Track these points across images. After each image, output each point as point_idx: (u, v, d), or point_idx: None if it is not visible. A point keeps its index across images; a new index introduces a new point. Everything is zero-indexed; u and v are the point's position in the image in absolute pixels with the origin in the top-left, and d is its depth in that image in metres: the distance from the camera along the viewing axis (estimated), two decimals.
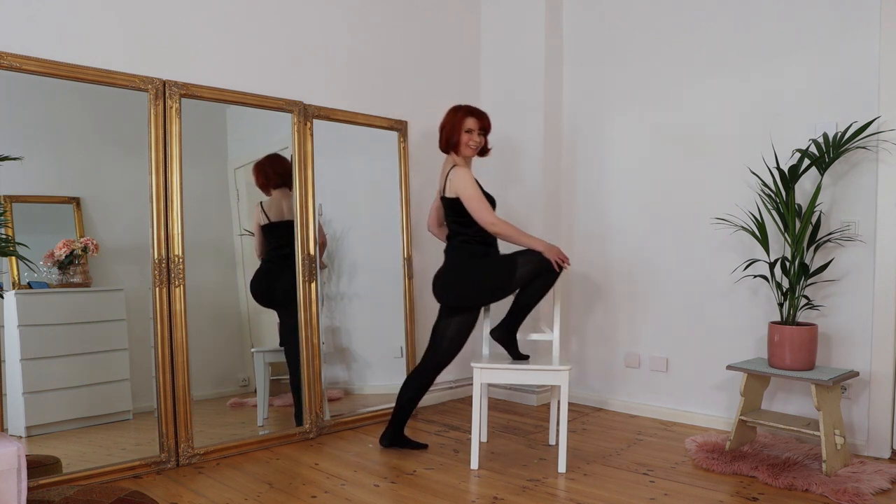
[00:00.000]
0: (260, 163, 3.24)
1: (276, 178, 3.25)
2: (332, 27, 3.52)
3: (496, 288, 2.90)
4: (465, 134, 2.98)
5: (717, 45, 3.42)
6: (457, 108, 3.04)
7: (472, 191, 2.89)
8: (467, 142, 2.98)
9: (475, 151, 3.03)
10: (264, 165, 3.24)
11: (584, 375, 3.96)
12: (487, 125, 3.04)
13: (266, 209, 3.24)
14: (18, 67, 2.47)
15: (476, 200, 2.89)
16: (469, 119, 2.99)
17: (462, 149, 2.99)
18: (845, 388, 2.99)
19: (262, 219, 3.23)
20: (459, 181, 2.91)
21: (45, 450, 2.54)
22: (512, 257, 2.88)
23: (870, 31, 2.95)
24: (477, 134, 3.00)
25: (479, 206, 2.88)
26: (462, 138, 2.98)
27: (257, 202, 3.24)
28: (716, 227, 3.38)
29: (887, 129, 2.88)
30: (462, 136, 2.98)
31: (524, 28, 4.01)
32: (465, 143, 2.98)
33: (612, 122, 3.84)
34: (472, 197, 2.89)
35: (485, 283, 2.91)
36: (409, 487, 2.59)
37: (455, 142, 2.99)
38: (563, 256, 2.86)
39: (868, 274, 2.96)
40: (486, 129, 3.04)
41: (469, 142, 2.98)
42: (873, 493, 2.43)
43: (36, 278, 2.61)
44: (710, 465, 2.77)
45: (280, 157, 3.27)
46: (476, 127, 2.99)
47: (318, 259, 3.33)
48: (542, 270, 2.84)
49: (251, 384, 3.23)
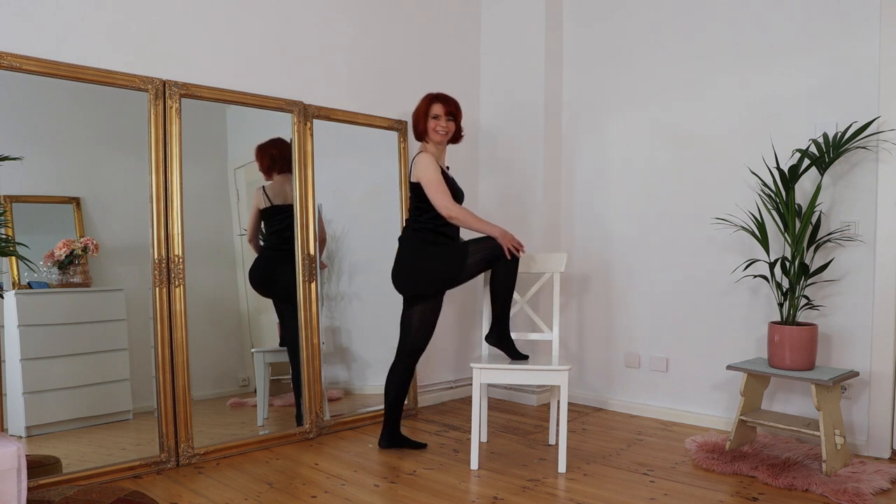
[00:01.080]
0: (264, 146, 3.23)
1: (282, 162, 3.25)
2: (331, 27, 3.52)
3: (447, 275, 2.91)
4: (431, 120, 2.99)
5: (717, 44, 3.42)
6: (426, 95, 3.06)
7: (433, 175, 2.89)
8: (434, 127, 2.99)
9: (444, 137, 3.02)
10: (269, 148, 3.23)
11: (584, 375, 3.96)
12: (455, 110, 3.04)
13: (269, 192, 3.22)
14: (18, 67, 2.47)
15: (434, 184, 2.89)
16: (435, 105, 3.01)
17: (430, 134, 3.00)
18: (845, 388, 2.99)
19: (263, 202, 3.21)
20: (420, 166, 2.92)
21: (45, 450, 2.54)
22: (464, 245, 2.90)
23: (870, 31, 2.95)
24: (444, 119, 3.00)
25: (436, 189, 2.88)
26: (429, 124, 2.99)
27: (257, 186, 3.23)
28: (716, 227, 3.38)
29: (887, 129, 2.88)
30: (429, 122, 2.99)
31: (524, 28, 4.01)
32: (433, 129, 2.99)
33: (612, 122, 3.84)
34: (430, 181, 2.89)
35: (436, 269, 2.92)
36: (409, 487, 2.59)
37: (422, 129, 3.01)
38: (516, 243, 2.87)
39: (868, 274, 2.96)
40: (454, 113, 3.03)
41: (436, 127, 2.99)
42: (873, 493, 2.43)
43: (36, 278, 2.61)
44: (710, 465, 2.77)
45: (284, 140, 3.26)
46: (442, 112, 3.00)
47: (319, 258, 3.33)
48: (495, 257, 2.86)
49: (251, 384, 3.23)
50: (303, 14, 3.39)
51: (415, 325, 3.01)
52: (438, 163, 2.98)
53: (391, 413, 3.06)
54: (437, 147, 3.04)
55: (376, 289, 3.69)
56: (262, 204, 3.21)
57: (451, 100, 3.05)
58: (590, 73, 3.94)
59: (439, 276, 2.93)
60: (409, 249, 2.99)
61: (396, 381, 3.04)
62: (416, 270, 2.95)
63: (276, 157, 3.24)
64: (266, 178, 3.24)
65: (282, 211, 3.23)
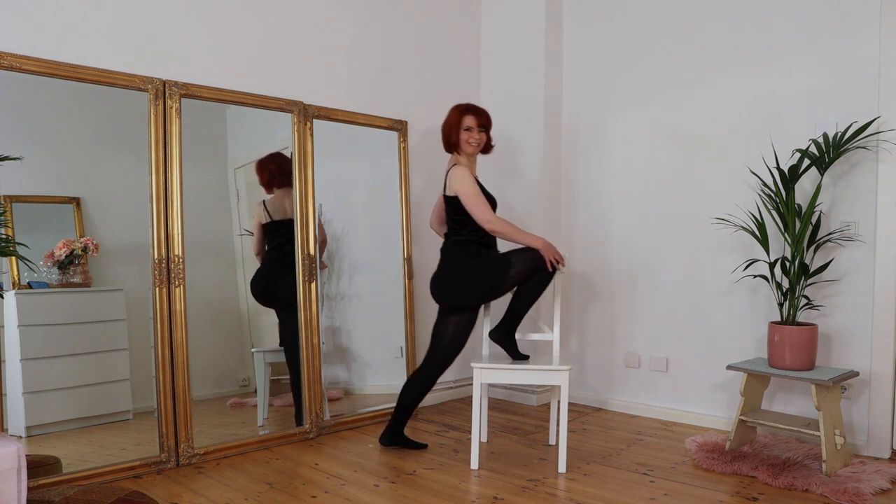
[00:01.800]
0: (263, 161, 3.24)
1: (281, 177, 3.25)
2: (331, 27, 3.52)
3: (490, 287, 2.90)
4: (464, 132, 2.99)
5: (717, 44, 3.42)
6: (456, 106, 3.05)
7: (470, 188, 2.90)
8: (467, 139, 2.99)
9: (476, 149, 3.03)
10: (268, 163, 3.24)
11: (584, 375, 3.96)
12: (487, 122, 3.04)
13: (269, 207, 3.24)
14: (18, 67, 2.47)
15: (473, 197, 2.89)
16: (467, 117, 3.00)
17: (463, 146, 3.00)
18: (845, 388, 2.99)
19: (265, 217, 3.23)
20: (458, 179, 2.91)
21: (45, 450, 2.54)
22: (506, 256, 2.89)
23: (870, 31, 2.95)
24: (477, 131, 3.00)
25: (476, 203, 2.89)
26: (462, 136, 2.99)
27: (258, 201, 3.24)
28: (716, 227, 3.38)
29: (887, 129, 2.88)
30: (462, 134, 2.99)
31: (524, 28, 4.01)
32: (466, 140, 2.99)
33: (612, 122, 3.84)
34: (468, 194, 2.89)
35: (479, 282, 2.91)
36: (409, 487, 2.59)
37: (455, 141, 3.01)
38: (558, 256, 2.87)
39: (868, 274, 2.96)
40: (486, 125, 3.04)
41: (469, 139, 2.99)
42: (873, 493, 2.43)
43: (36, 278, 2.61)
44: (710, 465, 2.77)
45: (283, 155, 3.27)
46: (475, 124, 3.00)
47: (319, 259, 3.33)
48: (536, 269, 2.85)
49: (251, 384, 3.23)
50: (303, 14, 3.39)
51: (448, 335, 2.99)
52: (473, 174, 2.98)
53: (399, 416, 3.05)
54: (469, 158, 3.05)
55: (376, 289, 3.70)
56: (264, 219, 3.23)
57: (483, 111, 3.05)
58: (590, 73, 3.94)
59: (483, 287, 2.92)
60: (451, 262, 2.98)
61: (416, 387, 3.02)
62: (460, 283, 2.94)
63: (274, 172, 3.24)
64: (266, 192, 3.25)
65: (282, 226, 3.24)
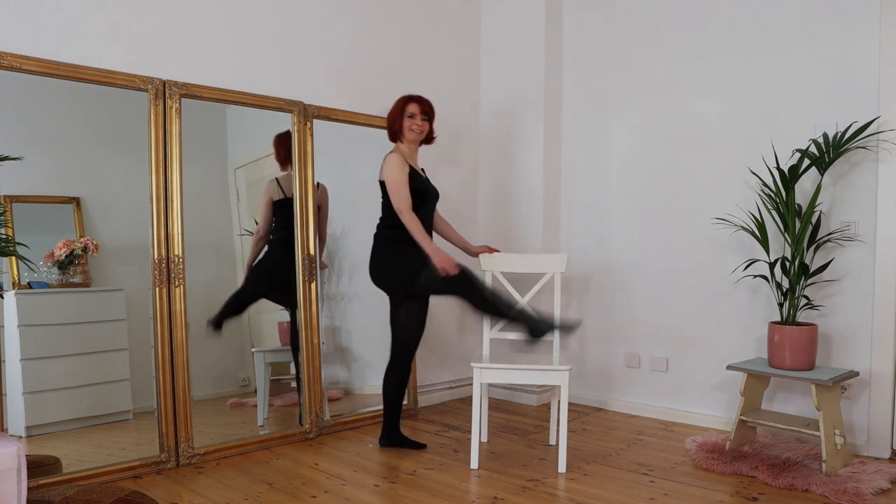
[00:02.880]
0: (283, 136, 3.22)
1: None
2: (331, 27, 3.52)
3: (407, 274, 2.93)
4: (407, 119, 3.01)
5: (717, 44, 3.42)
6: (401, 96, 3.08)
7: (395, 176, 2.91)
8: (410, 126, 3.01)
9: (418, 136, 3.04)
10: (286, 139, 3.22)
11: (584, 375, 3.95)
12: (429, 110, 3.06)
13: (283, 183, 3.22)
14: (18, 67, 2.47)
15: (394, 186, 2.91)
16: (411, 104, 3.03)
17: (405, 132, 3.02)
18: (845, 388, 2.99)
19: (277, 193, 3.21)
20: (388, 167, 2.95)
21: (45, 450, 2.54)
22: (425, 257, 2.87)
23: (870, 31, 2.94)
24: (420, 118, 3.03)
25: (395, 192, 2.91)
26: (405, 123, 3.02)
27: (270, 178, 3.22)
28: (716, 227, 3.38)
29: (887, 129, 2.88)
30: (404, 121, 3.02)
31: (524, 28, 4.01)
32: (408, 127, 3.01)
33: (612, 122, 3.84)
34: (393, 182, 2.92)
35: (398, 267, 2.95)
36: (409, 487, 2.59)
37: (397, 128, 3.04)
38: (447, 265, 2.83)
39: (868, 274, 2.96)
40: (428, 113, 3.06)
41: (412, 126, 3.01)
42: (873, 493, 2.43)
43: (36, 278, 2.61)
44: (710, 465, 2.77)
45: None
46: (418, 111, 3.02)
47: (319, 258, 3.33)
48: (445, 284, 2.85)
49: (251, 384, 3.23)
50: (303, 14, 3.39)
51: (402, 323, 3.04)
52: (410, 163, 3.00)
53: (390, 413, 3.07)
54: (410, 147, 3.07)
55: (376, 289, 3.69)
56: (276, 195, 3.20)
57: (426, 100, 3.07)
58: (590, 73, 3.94)
59: (402, 272, 2.95)
60: (376, 245, 3.05)
61: (394, 381, 3.05)
62: (382, 266, 3.01)
63: (291, 148, 3.23)
64: (281, 168, 3.24)
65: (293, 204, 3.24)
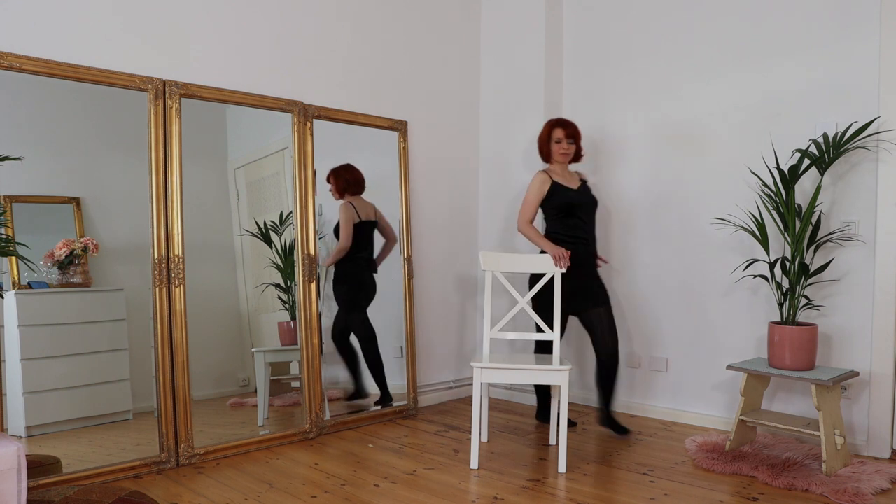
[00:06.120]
0: (338, 170, 3.46)
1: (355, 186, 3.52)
2: (331, 27, 3.52)
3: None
4: (554, 144, 3.33)
5: (716, 44, 3.42)
6: (547, 121, 3.40)
7: (527, 194, 3.31)
8: (558, 150, 3.33)
9: (567, 158, 3.35)
10: (343, 173, 3.47)
11: (584, 375, 3.95)
12: (574, 132, 3.36)
13: (357, 208, 3.46)
14: (18, 67, 2.47)
15: (523, 202, 3.31)
16: (557, 130, 3.34)
17: (554, 156, 3.35)
18: (845, 388, 2.99)
19: (356, 217, 3.45)
20: (531, 183, 3.31)
21: (45, 450, 2.54)
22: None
23: (870, 31, 2.94)
24: (566, 143, 3.32)
25: (522, 207, 3.31)
26: (553, 148, 3.33)
27: (344, 202, 3.47)
28: (716, 227, 3.38)
29: (887, 129, 2.88)
30: (552, 145, 3.33)
31: (524, 28, 4.01)
32: (557, 151, 3.33)
33: (612, 121, 3.84)
34: (525, 199, 3.30)
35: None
36: (409, 487, 2.59)
37: (546, 152, 3.37)
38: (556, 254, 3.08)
39: (868, 274, 2.96)
40: (573, 136, 3.35)
41: (559, 150, 3.32)
42: (873, 493, 2.43)
43: (36, 278, 2.61)
44: (710, 465, 2.77)
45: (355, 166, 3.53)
46: (563, 136, 3.32)
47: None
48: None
49: (251, 384, 3.23)
50: (303, 14, 3.39)
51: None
52: (559, 180, 3.30)
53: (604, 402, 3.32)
54: (561, 166, 3.37)
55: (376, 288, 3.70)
56: (356, 219, 3.45)
57: (571, 124, 3.37)
58: (590, 73, 3.94)
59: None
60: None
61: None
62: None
63: (350, 181, 3.49)
64: (336, 198, 3.44)
65: (365, 227, 3.53)
